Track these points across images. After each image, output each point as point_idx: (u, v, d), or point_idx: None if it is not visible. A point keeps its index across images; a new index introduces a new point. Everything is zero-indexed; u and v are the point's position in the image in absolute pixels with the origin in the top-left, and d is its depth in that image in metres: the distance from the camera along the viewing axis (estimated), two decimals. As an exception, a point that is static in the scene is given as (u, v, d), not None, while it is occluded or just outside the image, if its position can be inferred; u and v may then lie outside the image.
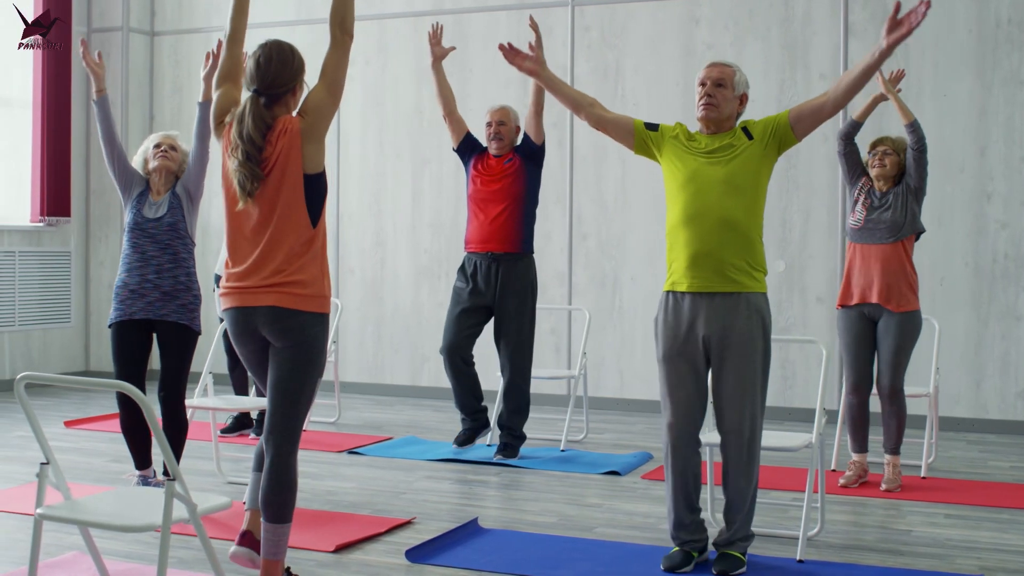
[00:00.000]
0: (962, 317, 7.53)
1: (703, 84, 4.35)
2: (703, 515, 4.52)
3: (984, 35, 7.51)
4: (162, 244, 5.04)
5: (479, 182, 6.39)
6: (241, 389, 6.89)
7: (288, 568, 3.84)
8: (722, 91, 4.32)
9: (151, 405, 3.02)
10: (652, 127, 4.43)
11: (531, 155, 6.36)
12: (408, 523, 4.95)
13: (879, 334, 5.72)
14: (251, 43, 3.87)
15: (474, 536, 4.72)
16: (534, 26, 5.17)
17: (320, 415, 7.80)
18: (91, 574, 4.04)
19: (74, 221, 9.38)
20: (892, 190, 5.72)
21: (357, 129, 9.15)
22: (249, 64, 3.69)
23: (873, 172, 5.77)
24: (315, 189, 3.66)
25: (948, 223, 7.55)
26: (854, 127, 5.86)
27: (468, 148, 6.48)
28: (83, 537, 3.49)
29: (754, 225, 4.29)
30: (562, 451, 6.66)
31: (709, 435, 4.56)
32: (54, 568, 4.17)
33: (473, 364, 6.51)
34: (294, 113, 3.71)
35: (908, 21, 3.93)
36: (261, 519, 3.70)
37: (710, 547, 4.45)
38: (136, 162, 5.20)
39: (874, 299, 5.67)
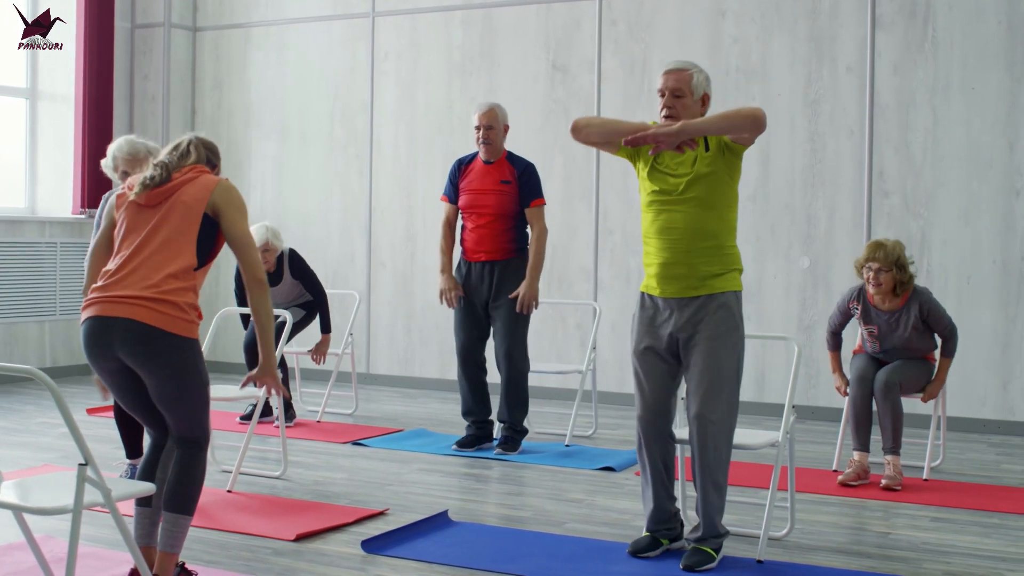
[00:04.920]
0: (989, 316, 7.31)
1: (662, 94, 4.30)
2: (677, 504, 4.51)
3: (1015, 26, 7.28)
4: None
5: (469, 191, 6.36)
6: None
7: (183, 564, 3.85)
8: (681, 101, 4.27)
9: (61, 393, 3.07)
10: None
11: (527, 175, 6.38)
12: (380, 514, 4.97)
13: None
14: (286, 38, 3.94)
15: (439, 529, 4.72)
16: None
17: (337, 407, 7.86)
18: (52, 556, 4.12)
19: (116, 213, 9.56)
20: (900, 315, 5.71)
21: (388, 124, 9.20)
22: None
23: (870, 289, 5.75)
24: (209, 233, 3.70)
25: (975, 220, 7.35)
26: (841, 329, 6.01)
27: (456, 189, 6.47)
28: (15, 519, 3.56)
29: (725, 230, 4.30)
30: (566, 446, 6.62)
31: (680, 431, 4.51)
32: (15, 550, 4.27)
33: (486, 369, 6.52)
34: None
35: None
36: (162, 512, 3.70)
37: (684, 540, 4.43)
38: (106, 164, 5.20)
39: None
